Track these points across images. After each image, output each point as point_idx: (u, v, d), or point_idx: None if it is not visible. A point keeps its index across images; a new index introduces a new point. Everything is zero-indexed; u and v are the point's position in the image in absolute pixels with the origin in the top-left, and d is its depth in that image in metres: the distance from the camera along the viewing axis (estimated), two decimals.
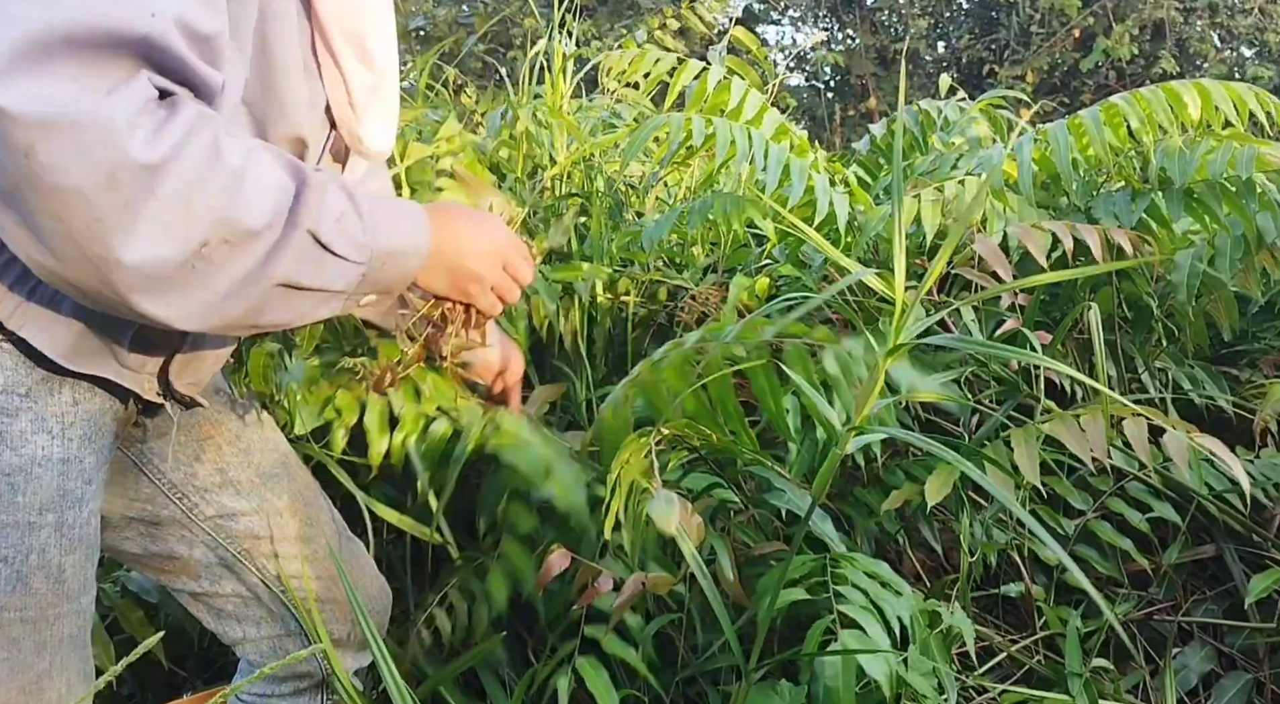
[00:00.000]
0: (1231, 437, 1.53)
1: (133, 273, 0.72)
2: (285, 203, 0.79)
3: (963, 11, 9.33)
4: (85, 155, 0.68)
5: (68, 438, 0.89)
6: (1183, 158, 1.56)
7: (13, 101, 0.66)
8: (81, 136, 0.67)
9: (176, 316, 0.76)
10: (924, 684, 1.13)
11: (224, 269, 0.76)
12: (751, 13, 9.48)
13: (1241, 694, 1.33)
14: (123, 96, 0.69)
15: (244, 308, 0.79)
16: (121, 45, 0.69)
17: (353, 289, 0.86)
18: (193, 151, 0.72)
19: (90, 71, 0.68)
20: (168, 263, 0.73)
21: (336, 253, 0.82)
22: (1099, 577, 1.43)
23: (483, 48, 5.80)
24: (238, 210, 0.75)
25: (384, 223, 0.87)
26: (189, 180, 0.72)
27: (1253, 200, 1.48)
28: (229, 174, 0.74)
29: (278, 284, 0.79)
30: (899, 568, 1.46)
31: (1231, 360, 1.76)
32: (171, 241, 0.72)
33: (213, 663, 1.51)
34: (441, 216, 0.96)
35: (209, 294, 0.76)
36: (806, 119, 8.35)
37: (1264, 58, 8.36)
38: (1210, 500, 1.41)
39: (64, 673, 0.94)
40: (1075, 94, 8.27)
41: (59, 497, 0.89)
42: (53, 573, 0.90)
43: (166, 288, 0.74)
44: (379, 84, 1.02)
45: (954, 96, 2.30)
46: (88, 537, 0.93)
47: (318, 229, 0.80)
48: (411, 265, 0.91)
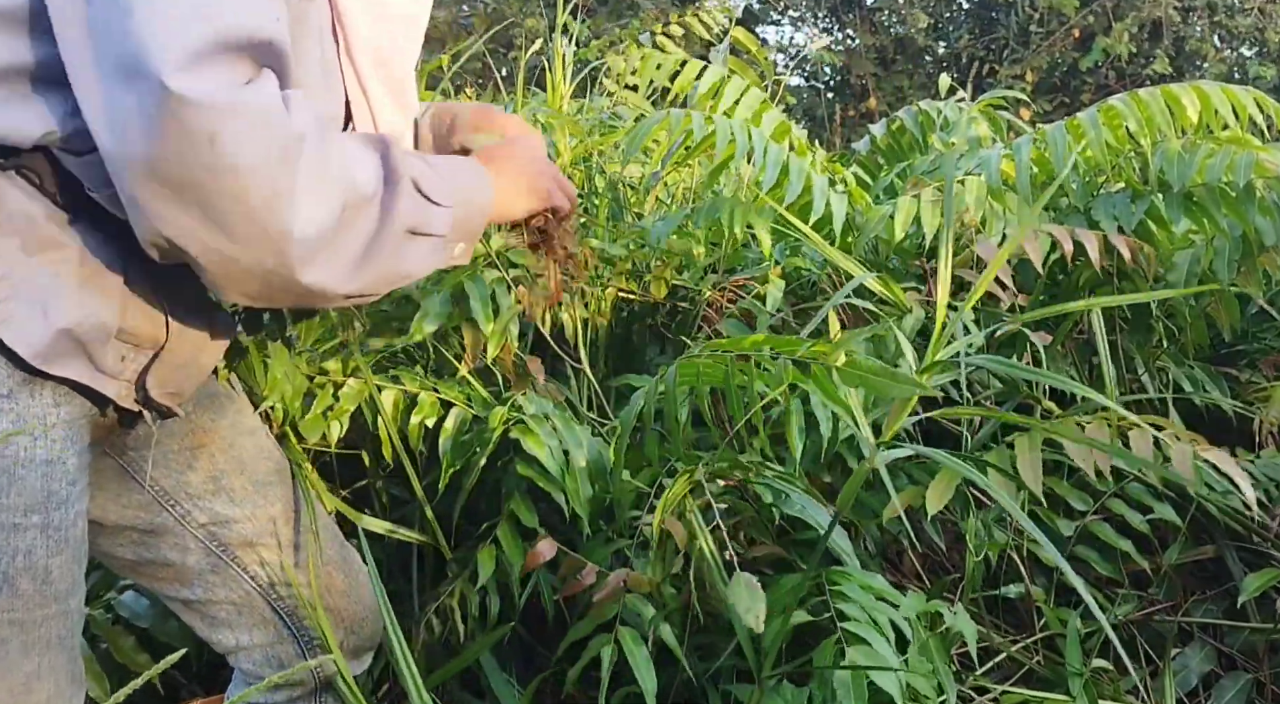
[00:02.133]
0: (1231, 437, 1.53)
1: (303, 243, 0.81)
2: (379, 164, 0.88)
3: (962, 11, 9.33)
4: (261, 134, 0.77)
5: (50, 439, 0.89)
6: (1182, 161, 1.56)
7: (191, 91, 0.74)
8: (255, 118, 0.77)
9: (335, 279, 0.85)
10: (924, 684, 1.13)
11: (355, 229, 0.85)
12: (751, 13, 9.47)
13: (1241, 694, 1.33)
14: (264, 82, 0.79)
15: (383, 261, 0.88)
16: (252, 48, 0.79)
17: (451, 234, 0.95)
18: (314, 127, 0.81)
19: (242, 69, 0.78)
20: (324, 229, 0.82)
21: (433, 199, 0.92)
22: (1099, 577, 1.43)
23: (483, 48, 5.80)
24: (356, 174, 0.85)
25: (452, 172, 0.97)
26: (322, 154, 0.81)
27: (1252, 206, 1.48)
28: (337, 144, 0.85)
29: (406, 230, 0.89)
30: (899, 567, 1.46)
31: (1231, 361, 1.76)
32: (324, 208, 0.82)
33: (211, 678, 1.51)
34: (484, 156, 1.07)
35: (351, 254, 0.86)
36: (806, 119, 8.35)
37: (1264, 57, 8.36)
38: (1210, 501, 1.42)
39: (52, 674, 0.93)
40: (1075, 94, 8.26)
41: (44, 498, 0.89)
42: (39, 574, 0.90)
43: (324, 254, 0.83)
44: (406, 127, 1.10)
45: (954, 96, 2.30)
46: (74, 538, 0.93)
47: (418, 179, 0.90)
48: (485, 206, 1.00)
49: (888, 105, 8.33)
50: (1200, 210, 1.54)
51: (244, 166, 0.77)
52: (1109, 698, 1.26)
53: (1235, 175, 1.50)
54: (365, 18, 0.97)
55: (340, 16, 0.96)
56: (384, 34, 1.00)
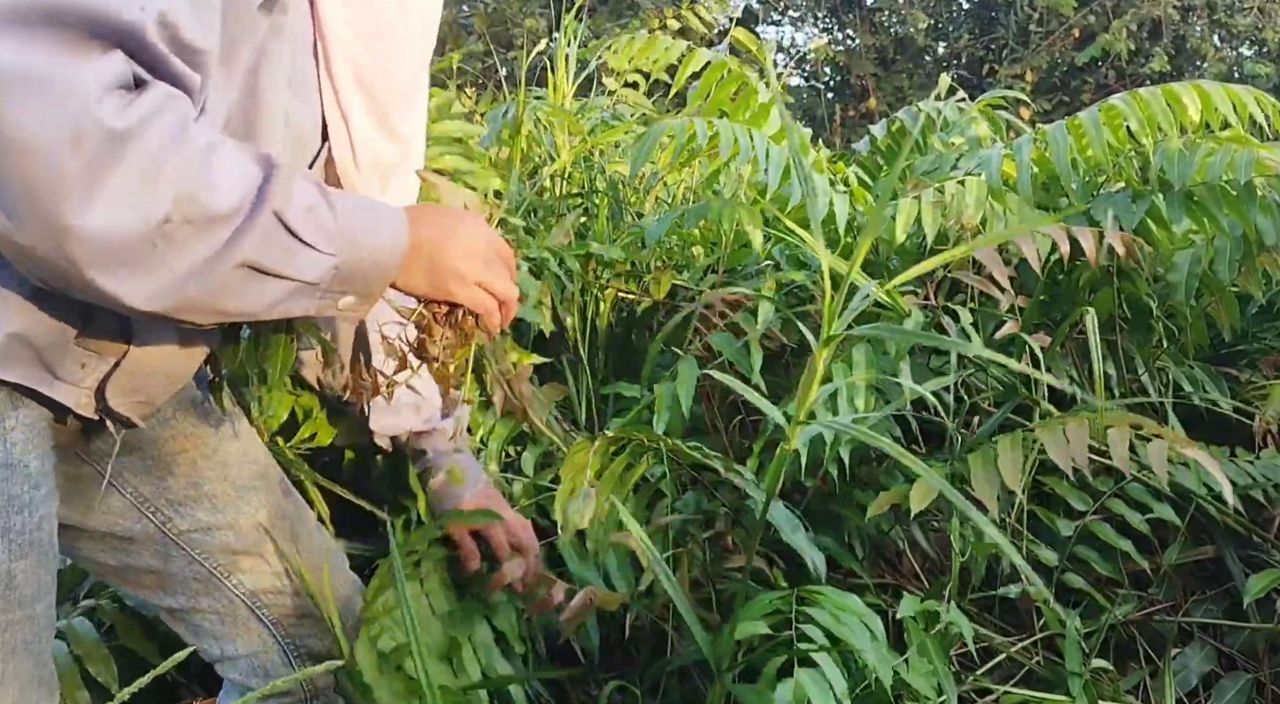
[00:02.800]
0: (1231, 437, 1.53)
1: (90, 243, 0.71)
2: (252, 186, 0.78)
3: (962, 11, 9.33)
4: (51, 111, 0.68)
5: (9, 442, 0.87)
6: (1183, 160, 1.56)
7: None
8: (49, 93, 0.68)
9: (133, 295, 0.75)
10: (924, 685, 1.13)
11: (185, 249, 0.75)
12: (751, 13, 9.47)
13: (1241, 694, 1.33)
14: (95, 67, 0.70)
15: (206, 289, 0.77)
16: (103, 31, 0.71)
17: (326, 283, 0.83)
18: (160, 126, 0.72)
19: (67, 45, 0.70)
20: (127, 236, 0.72)
21: (305, 240, 0.80)
22: (1099, 577, 1.43)
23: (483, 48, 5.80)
24: (202, 190, 0.74)
25: (358, 216, 0.85)
26: (154, 153, 0.72)
27: (1253, 205, 1.48)
28: (196, 152, 0.74)
29: (240, 265, 0.77)
30: (898, 568, 1.46)
31: (1231, 361, 1.76)
32: (132, 213, 0.71)
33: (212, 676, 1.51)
34: (420, 214, 0.92)
35: (168, 274, 0.75)
36: (806, 119, 8.35)
37: (1264, 56, 8.36)
38: (1210, 501, 1.42)
39: (16, 680, 0.91)
40: (1075, 93, 8.26)
41: (4, 502, 0.87)
42: (2, 579, 0.88)
43: (125, 263, 0.73)
44: (403, 159, 1.04)
45: (954, 96, 2.30)
46: (40, 542, 0.91)
47: (284, 212, 0.79)
48: (388, 261, 0.87)
49: (888, 105, 8.33)
50: (1201, 209, 1.54)
51: (26, 142, 0.68)
52: (1109, 698, 1.26)
53: (1236, 174, 1.50)
54: (348, 33, 0.93)
55: (322, 30, 0.92)
56: (369, 54, 0.95)
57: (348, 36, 0.93)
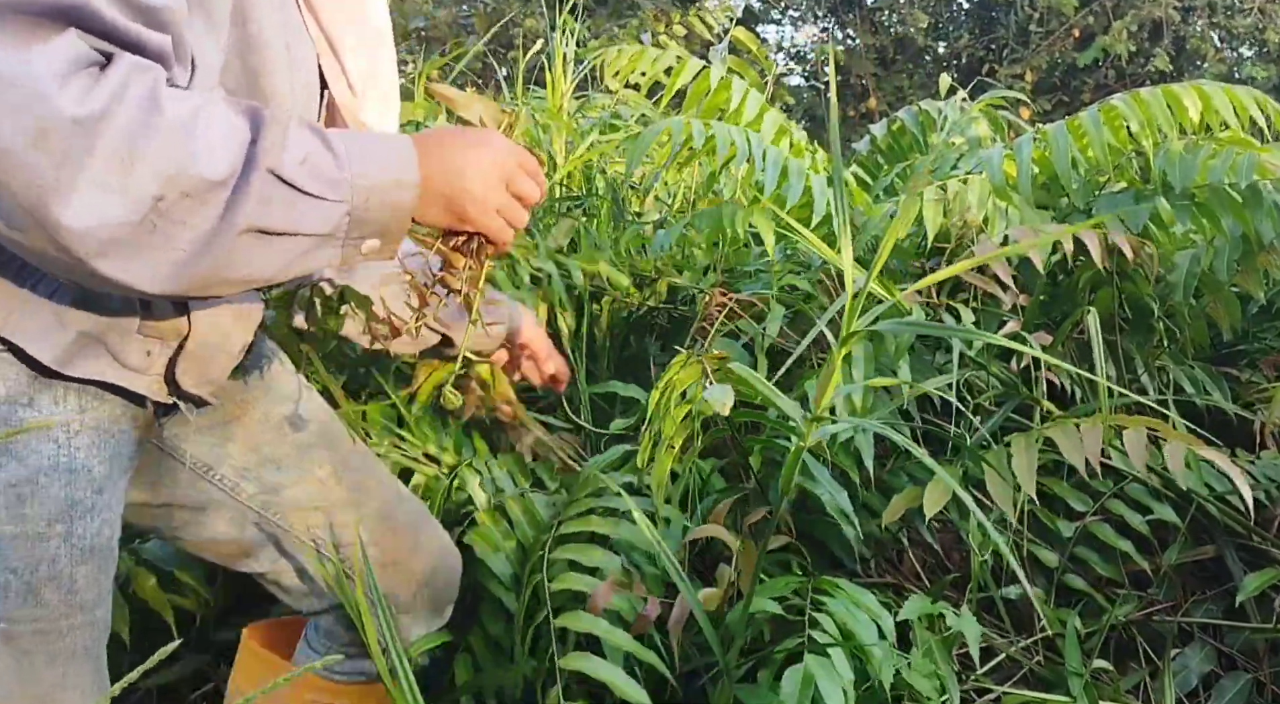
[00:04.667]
0: (1232, 437, 1.53)
1: (84, 236, 0.69)
2: (241, 147, 0.74)
3: (962, 11, 9.33)
4: (11, 112, 0.66)
5: (74, 446, 0.87)
6: (1184, 162, 1.56)
7: None
8: (7, 92, 0.66)
9: (142, 279, 0.73)
10: (926, 685, 1.13)
11: (186, 224, 0.72)
12: (751, 13, 9.47)
13: (1241, 694, 1.33)
14: (46, 53, 0.67)
15: (214, 262, 0.74)
16: (49, 12, 0.67)
17: (342, 232, 0.80)
18: (129, 104, 0.69)
19: (15, 36, 0.66)
20: (121, 224, 0.70)
21: (308, 191, 0.77)
22: (1099, 577, 1.43)
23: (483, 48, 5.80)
24: (189, 161, 0.71)
25: (362, 156, 0.81)
26: (127, 134, 0.69)
27: (1259, 209, 1.48)
28: (173, 124, 0.71)
29: (245, 231, 0.74)
30: (899, 567, 1.46)
31: (1232, 361, 1.76)
32: (119, 201, 0.69)
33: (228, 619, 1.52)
34: (428, 141, 0.87)
35: (174, 253, 0.73)
36: (806, 119, 8.35)
37: (1264, 58, 8.36)
38: (1210, 501, 1.41)
39: (77, 685, 0.92)
40: (1075, 93, 8.27)
41: (67, 507, 0.87)
42: (64, 584, 0.89)
43: (127, 250, 0.71)
44: (373, 65, 0.98)
45: (954, 96, 2.30)
46: (100, 547, 0.91)
47: (279, 168, 0.75)
48: (402, 198, 0.83)
49: (888, 105, 8.33)
50: (1203, 212, 1.54)
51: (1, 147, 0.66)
52: (1109, 698, 1.26)
53: (1238, 176, 1.50)
54: None
55: None
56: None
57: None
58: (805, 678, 1.04)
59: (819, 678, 1.03)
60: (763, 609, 1.13)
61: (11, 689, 0.88)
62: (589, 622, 1.16)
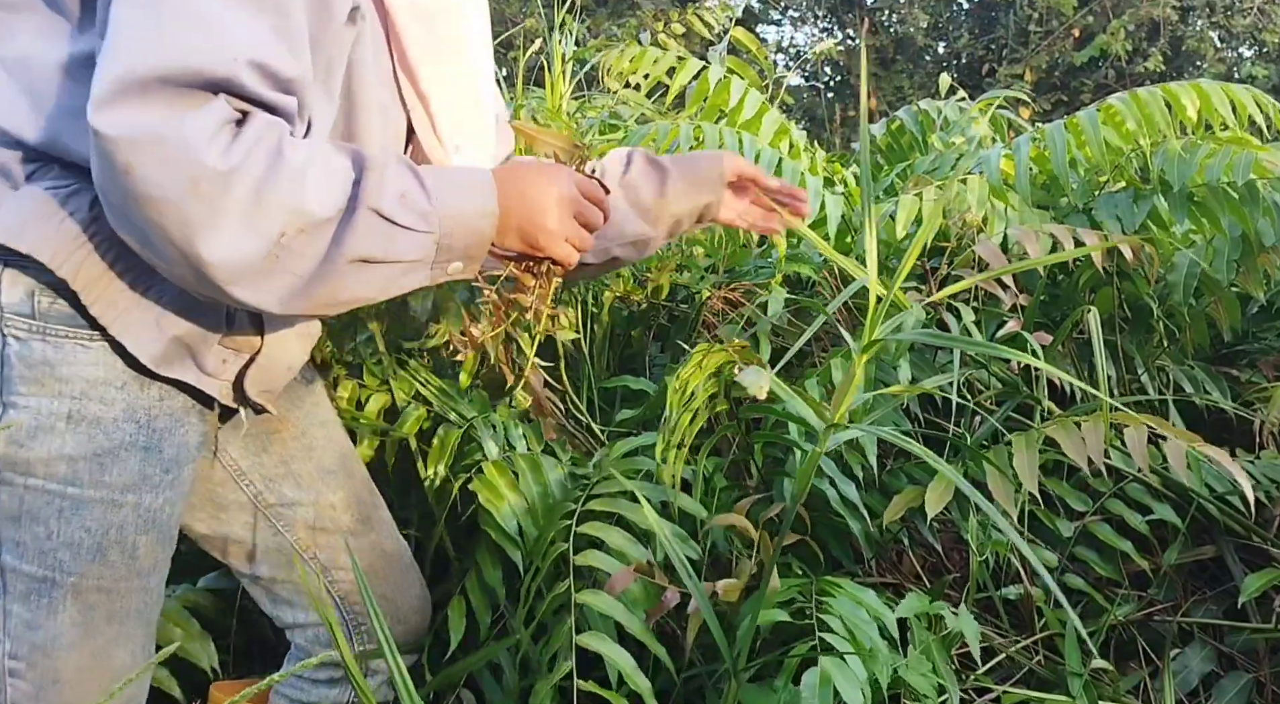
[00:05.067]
0: (1231, 437, 1.53)
1: (224, 268, 0.84)
2: (347, 189, 0.88)
3: (962, 11, 9.33)
4: (171, 167, 0.80)
5: (152, 429, 1.00)
6: (1182, 161, 1.56)
7: (109, 127, 0.80)
8: (167, 151, 0.80)
9: (269, 301, 0.88)
10: (924, 684, 1.13)
11: (303, 254, 0.87)
12: (751, 13, 9.47)
13: (1241, 694, 1.33)
14: (199, 116, 0.81)
15: (327, 286, 0.89)
16: (206, 85, 0.82)
17: (430, 258, 0.94)
18: (258, 155, 0.83)
19: (177, 104, 0.81)
20: (252, 255, 0.85)
21: (403, 225, 0.90)
22: (1099, 577, 1.43)
23: None
24: (305, 201, 0.85)
25: (448, 191, 0.94)
26: (257, 179, 0.83)
27: (1256, 207, 1.48)
28: (292, 170, 0.85)
29: (352, 260, 0.89)
30: (899, 568, 1.46)
31: (1231, 361, 1.76)
32: (251, 236, 0.84)
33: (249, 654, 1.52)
34: (507, 177, 0.99)
35: (293, 278, 0.88)
36: (806, 119, 8.35)
37: (1263, 58, 8.36)
38: (1210, 501, 1.41)
39: (129, 644, 1.03)
40: (1075, 93, 8.27)
41: (139, 480, 0.99)
42: (128, 549, 1.00)
43: (256, 276, 0.86)
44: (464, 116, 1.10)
45: (954, 96, 2.30)
46: (162, 522, 1.03)
47: (379, 206, 0.89)
48: (482, 226, 0.96)
49: (888, 105, 8.33)
50: (1202, 210, 1.54)
51: (157, 197, 0.81)
52: (1109, 698, 1.26)
53: (1235, 175, 1.50)
54: (410, 17, 1.02)
55: (391, 22, 1.01)
56: (432, 33, 1.04)
57: (408, 16, 1.02)
58: (823, 678, 1.04)
59: (836, 679, 1.04)
60: (770, 618, 1.14)
61: (75, 639, 0.99)
62: (608, 603, 1.18)
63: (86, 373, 0.95)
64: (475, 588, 1.35)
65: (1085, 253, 1.38)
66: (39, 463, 0.95)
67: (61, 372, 0.94)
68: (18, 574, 0.97)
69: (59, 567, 0.97)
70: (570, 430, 1.53)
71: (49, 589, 0.97)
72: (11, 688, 0.98)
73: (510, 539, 1.31)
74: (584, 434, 1.55)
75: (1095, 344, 1.30)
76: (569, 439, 1.53)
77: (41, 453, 0.95)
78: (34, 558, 0.97)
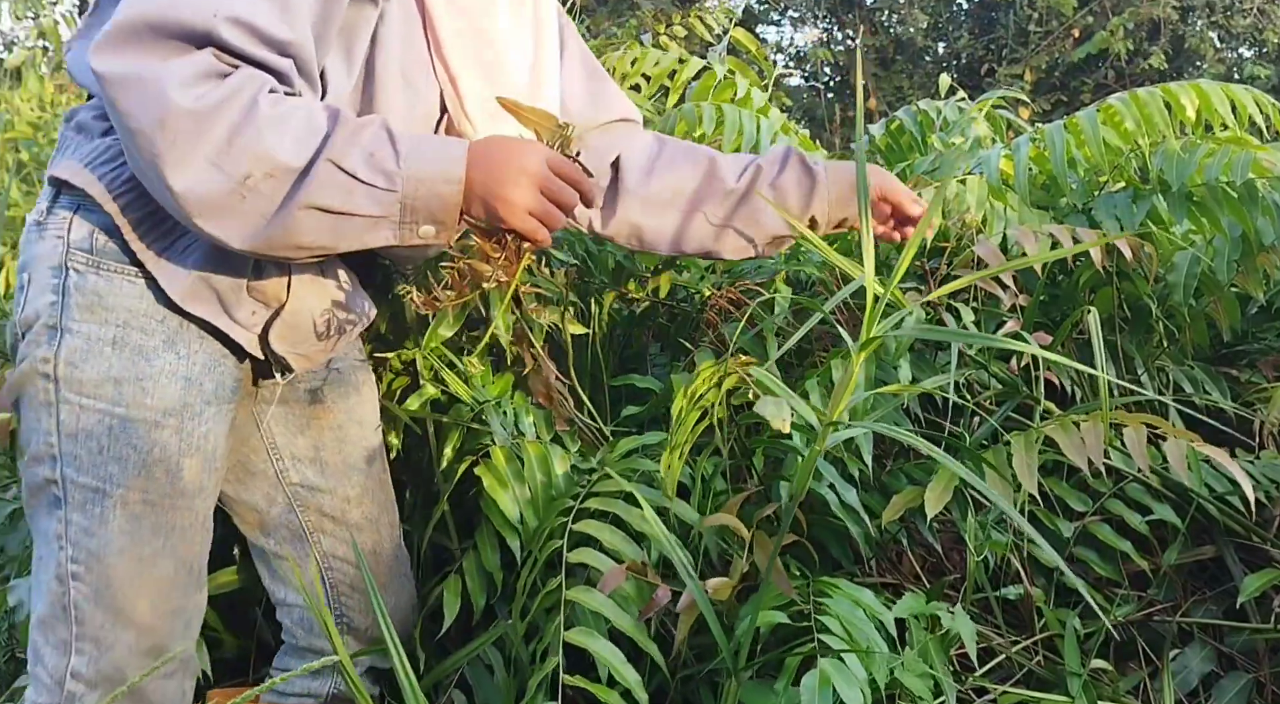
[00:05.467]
0: (1232, 438, 1.53)
1: (191, 199, 0.94)
2: (315, 141, 0.96)
3: (962, 11, 9.33)
4: (143, 103, 0.91)
5: (192, 362, 1.10)
6: (1180, 161, 1.56)
7: (103, 66, 0.92)
8: (144, 89, 0.91)
9: (231, 236, 0.97)
10: (919, 684, 1.13)
11: (267, 197, 0.95)
12: (751, 13, 9.47)
13: (1241, 695, 1.33)
14: (179, 63, 0.92)
15: (283, 228, 0.97)
16: (189, 35, 0.93)
17: (395, 216, 1.00)
18: (236, 103, 0.93)
19: (163, 49, 0.92)
20: (216, 191, 0.94)
21: (364, 180, 0.97)
22: (1099, 578, 1.43)
23: None
24: (273, 148, 0.94)
25: (419, 156, 1.00)
26: (230, 125, 0.92)
27: (1255, 207, 1.48)
28: (266, 120, 0.94)
29: (307, 207, 0.96)
30: (899, 568, 1.46)
31: (1231, 361, 1.76)
32: (217, 174, 0.93)
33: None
34: (480, 148, 1.04)
35: (257, 218, 0.96)
36: (806, 119, 8.34)
37: (1264, 57, 8.35)
38: (1210, 501, 1.41)
39: (172, 557, 1.11)
40: (1074, 93, 8.26)
41: (180, 406, 1.09)
42: (171, 468, 1.09)
43: (220, 212, 0.95)
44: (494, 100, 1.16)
45: (953, 96, 2.29)
46: (206, 449, 1.12)
47: (340, 160, 0.96)
48: (446, 192, 1.01)
49: (888, 105, 8.33)
50: (1201, 210, 1.54)
51: (134, 129, 0.92)
52: (1109, 698, 1.26)
53: (1233, 175, 1.50)
54: (443, 6, 1.11)
55: (425, 9, 1.11)
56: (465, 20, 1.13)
57: (444, 9, 1.11)
58: (823, 680, 1.04)
59: (836, 681, 1.04)
60: (769, 620, 1.14)
61: (123, 546, 1.08)
62: (599, 600, 1.19)
63: (130, 304, 1.07)
64: (473, 571, 1.35)
65: (1085, 249, 1.37)
66: (90, 383, 1.06)
67: (109, 301, 1.07)
68: (75, 485, 1.07)
69: (109, 479, 1.07)
70: (581, 424, 1.53)
71: (101, 499, 1.07)
72: (74, 589, 1.08)
73: (511, 527, 1.32)
74: (590, 428, 1.55)
75: (1095, 344, 1.30)
76: (578, 431, 1.53)
77: (92, 374, 1.06)
78: (88, 471, 1.07)
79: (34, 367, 1.07)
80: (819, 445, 1.05)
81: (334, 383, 1.29)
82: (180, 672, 1.16)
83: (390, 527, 1.36)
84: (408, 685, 1.02)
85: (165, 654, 1.12)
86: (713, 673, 1.27)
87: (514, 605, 1.28)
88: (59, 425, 1.07)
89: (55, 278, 1.07)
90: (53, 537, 1.09)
